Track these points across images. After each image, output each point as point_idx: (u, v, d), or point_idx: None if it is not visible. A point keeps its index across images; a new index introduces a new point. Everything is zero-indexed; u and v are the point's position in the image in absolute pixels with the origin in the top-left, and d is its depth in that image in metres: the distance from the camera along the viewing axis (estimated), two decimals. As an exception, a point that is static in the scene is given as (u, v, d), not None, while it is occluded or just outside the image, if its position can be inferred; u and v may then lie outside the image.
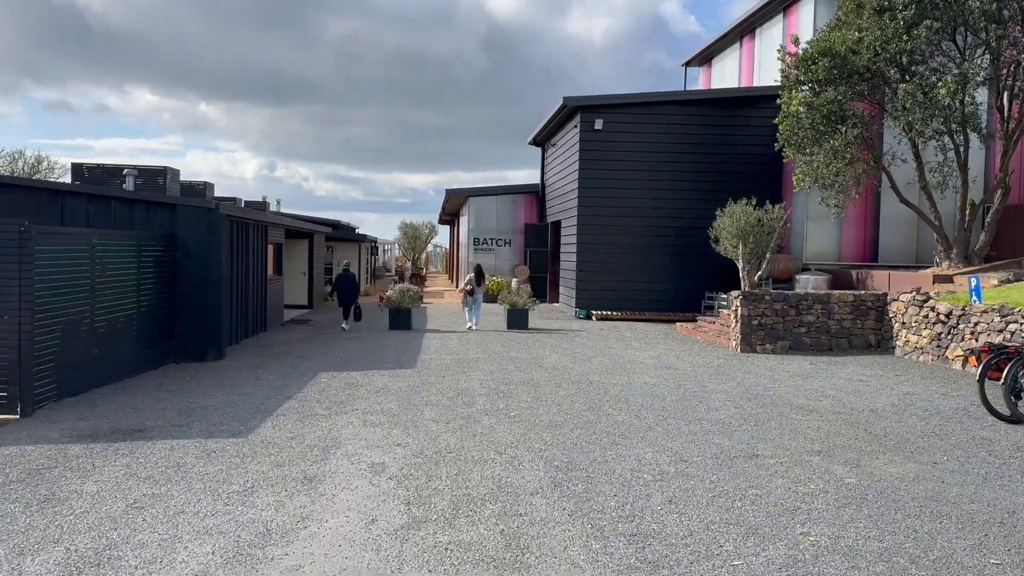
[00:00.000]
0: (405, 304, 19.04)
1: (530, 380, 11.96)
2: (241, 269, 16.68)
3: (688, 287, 22.88)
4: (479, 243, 29.70)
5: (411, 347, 15.85)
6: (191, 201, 14.54)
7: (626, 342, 17.09)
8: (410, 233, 48.28)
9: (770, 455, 7.66)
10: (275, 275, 20.26)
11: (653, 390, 11.18)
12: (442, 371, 12.80)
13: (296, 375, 12.48)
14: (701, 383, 11.83)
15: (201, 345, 14.26)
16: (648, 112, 23.00)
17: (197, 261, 14.24)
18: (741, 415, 9.51)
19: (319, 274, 26.82)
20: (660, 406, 10.01)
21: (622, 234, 22.97)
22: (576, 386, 11.47)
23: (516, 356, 14.63)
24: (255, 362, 13.99)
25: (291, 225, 21.10)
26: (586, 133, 22.76)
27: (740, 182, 22.50)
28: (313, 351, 15.35)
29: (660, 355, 14.96)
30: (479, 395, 10.72)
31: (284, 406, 9.95)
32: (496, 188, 29.93)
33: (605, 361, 14.08)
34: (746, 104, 23.09)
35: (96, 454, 7.63)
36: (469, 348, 15.74)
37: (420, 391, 11.00)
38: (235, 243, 16.18)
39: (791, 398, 10.67)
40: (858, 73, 18.02)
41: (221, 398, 10.50)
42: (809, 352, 15.40)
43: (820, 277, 20.06)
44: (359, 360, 14.09)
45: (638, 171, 22.91)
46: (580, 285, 22.96)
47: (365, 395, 10.70)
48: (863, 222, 21.96)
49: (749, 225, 19.93)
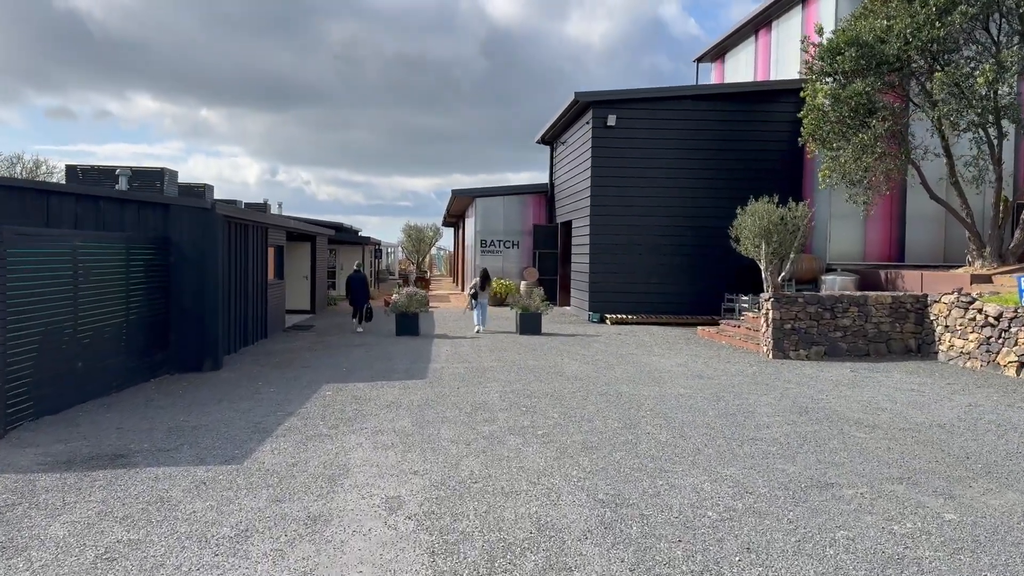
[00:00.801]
0: (412, 309, 17.98)
1: (553, 392, 10.89)
2: (240, 273, 15.62)
3: (705, 289, 21.82)
4: (486, 245, 28.62)
5: (421, 355, 14.78)
6: (186, 201, 13.48)
7: (647, 348, 16.01)
8: (414, 235, 47.08)
9: (846, 484, 6.58)
10: (276, 279, 19.19)
11: (690, 403, 10.10)
12: (456, 382, 11.73)
13: (298, 387, 11.41)
14: (741, 395, 10.75)
15: (197, 355, 13.20)
16: (662, 107, 21.94)
17: (192, 265, 13.18)
18: (796, 433, 8.43)
19: (322, 278, 25.74)
20: (703, 423, 8.93)
21: (636, 234, 21.91)
22: (604, 398, 10.39)
23: (533, 364, 13.55)
24: (254, 373, 12.93)
25: (293, 227, 20.04)
26: (598, 130, 21.70)
27: (759, 179, 21.44)
28: (316, 360, 14.29)
29: (687, 362, 13.88)
30: (499, 410, 9.65)
31: (285, 424, 8.88)
32: (504, 188, 28.86)
33: (630, 369, 13.01)
34: (764, 98, 22.03)
35: (69, 486, 6.56)
36: (482, 355, 14.67)
37: (434, 405, 9.92)
38: (233, 246, 15.12)
39: (845, 412, 9.59)
40: (888, 63, 16.95)
41: (216, 415, 9.44)
42: (846, 358, 14.32)
43: (847, 278, 18.98)
44: (365, 370, 13.02)
45: (652, 168, 21.85)
46: (593, 288, 21.89)
47: (374, 410, 9.62)
48: (888, 220, 20.89)
49: (772, 224, 18.85)
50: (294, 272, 23.52)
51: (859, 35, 17.05)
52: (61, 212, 12.99)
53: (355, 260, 32.19)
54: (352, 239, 32.99)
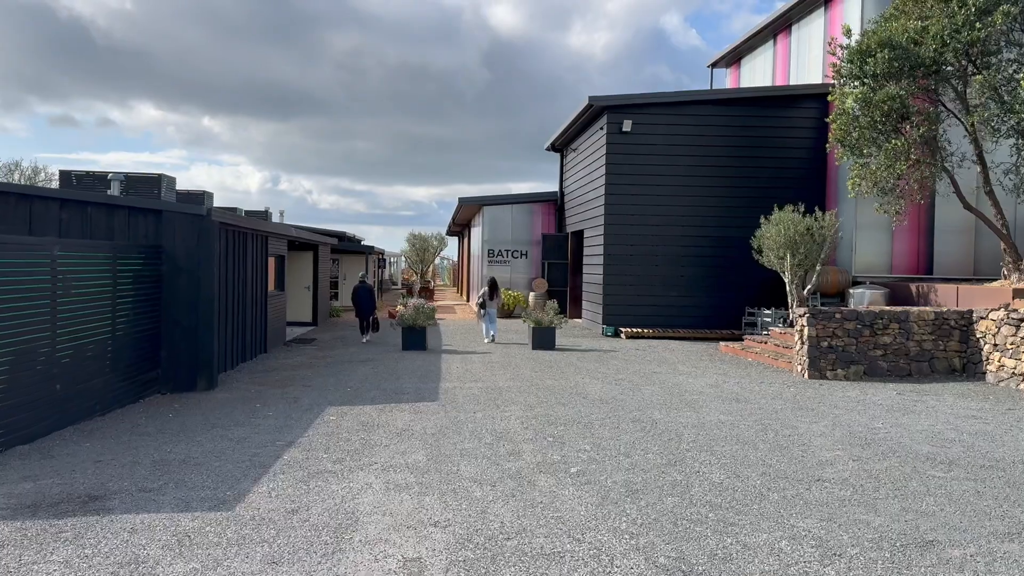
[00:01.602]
0: (420, 322, 16.93)
1: (579, 418, 9.84)
2: (238, 284, 14.59)
3: (725, 302, 20.78)
4: (493, 255, 27.59)
5: (430, 373, 13.73)
6: (179, 207, 12.46)
7: (671, 365, 14.96)
8: (418, 245, 45.95)
9: (947, 542, 5.53)
10: (277, 290, 18.16)
11: (735, 433, 9.05)
12: (471, 405, 10.68)
13: (299, 410, 10.36)
14: (787, 422, 9.69)
15: (190, 373, 12.16)
16: (680, 112, 20.96)
17: (186, 275, 12.16)
18: (866, 472, 7.37)
19: (324, 288, 24.70)
20: (756, 458, 7.88)
21: (652, 244, 20.89)
22: (638, 427, 9.34)
23: (552, 384, 12.50)
24: (252, 393, 11.88)
25: (294, 236, 19.02)
26: (613, 135, 20.71)
27: (780, 188, 20.44)
28: (319, 378, 13.24)
29: (717, 383, 12.83)
30: (524, 440, 8.59)
31: (284, 457, 7.83)
32: (512, 196, 27.85)
33: (658, 391, 11.96)
34: (786, 103, 21.06)
35: (28, 541, 5.51)
36: (496, 373, 13.62)
37: (450, 434, 8.87)
38: (230, 255, 14.10)
39: (910, 444, 8.53)
40: (923, 66, 15.96)
41: (207, 445, 8.38)
42: (886, 378, 13.27)
43: (877, 291, 17.95)
44: (372, 390, 11.97)
45: (669, 176, 20.85)
46: (607, 300, 20.86)
47: (384, 440, 8.57)
48: (916, 232, 19.87)
49: (798, 234, 17.85)
50: (296, 282, 22.49)
51: (892, 36, 16.08)
52: (45, 219, 11.96)
53: (358, 270, 31.18)
54: (355, 248, 31.99)
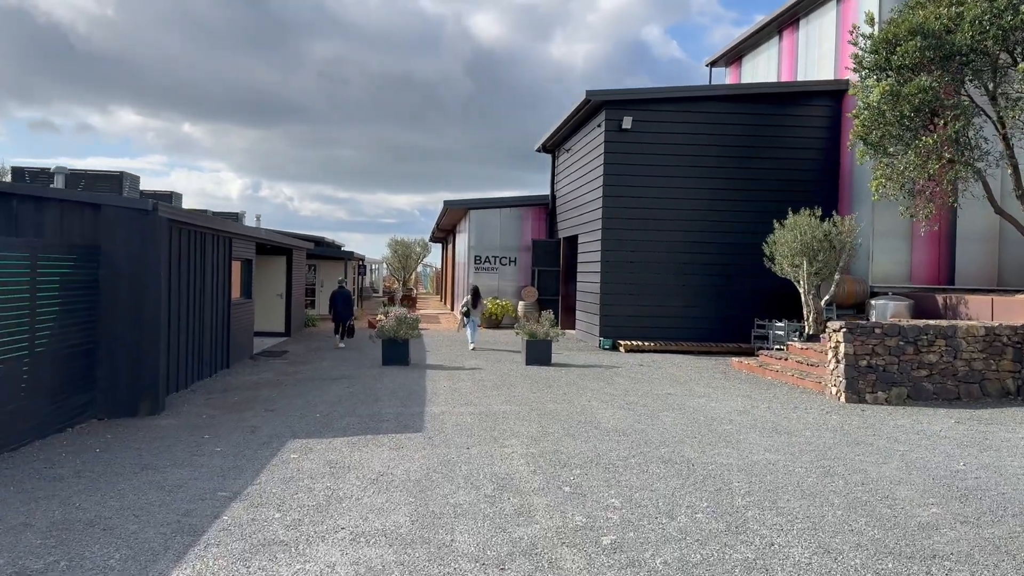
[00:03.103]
0: (402, 335, 15.04)
1: (597, 456, 8.01)
2: (194, 291, 12.65)
3: (731, 313, 19.08)
4: (480, 261, 25.74)
5: (413, 393, 11.86)
6: (120, 200, 10.54)
7: (684, 385, 13.18)
8: (401, 251, 43.98)
9: None
10: (243, 298, 16.20)
11: (793, 479, 7.26)
12: (463, 437, 8.83)
13: (255, 444, 8.46)
14: (850, 463, 7.92)
15: (132, 395, 10.23)
16: (684, 109, 19.27)
17: (128, 281, 10.24)
18: (985, 541, 5.60)
19: (299, 296, 22.72)
20: (838, 521, 6.07)
21: (653, 251, 19.16)
22: (672, 470, 7.53)
23: (556, 409, 10.67)
24: (203, 420, 9.95)
25: (264, 239, 17.08)
26: (612, 133, 18.97)
27: (790, 191, 18.83)
28: (284, 399, 11.33)
29: (745, 408, 11.05)
30: (534, 491, 6.75)
31: (225, 518, 5.95)
32: (500, 200, 26.03)
33: (679, 418, 10.16)
34: (796, 101, 19.43)
35: None
36: (489, 394, 11.78)
37: (440, 481, 7.02)
38: (186, 258, 12.17)
39: (1013, 494, 6.77)
40: (960, 54, 14.37)
41: (129, 497, 6.48)
42: (933, 402, 11.56)
43: (901, 303, 16.29)
44: (345, 416, 10.08)
45: (672, 177, 19.14)
46: (605, 311, 19.08)
47: (356, 490, 6.71)
48: (937, 239, 18.26)
49: (816, 240, 16.19)
50: (267, 290, 20.52)
51: (924, 24, 14.48)
52: (-42, 212, 10.01)
53: (336, 277, 29.31)
54: (334, 254, 30.05)
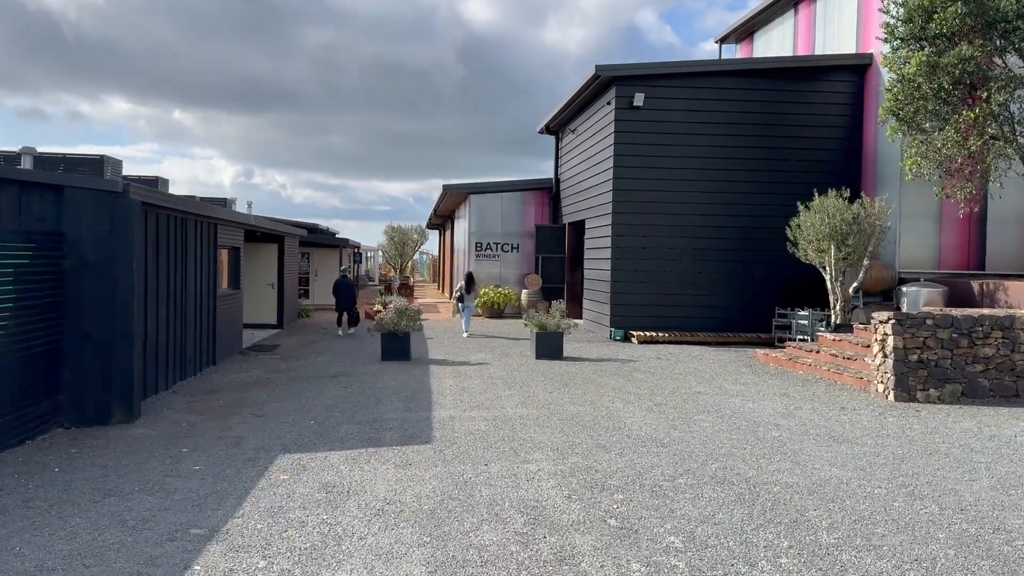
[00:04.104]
0: (403, 328, 13.84)
1: (638, 475, 6.83)
2: (175, 282, 11.40)
3: (750, 301, 17.92)
4: (481, 248, 24.49)
5: (418, 394, 10.67)
6: (86, 181, 9.26)
7: (712, 382, 12.01)
8: (397, 238, 42.66)
9: None
10: (231, 289, 14.96)
11: (879, 504, 6.08)
12: (479, 449, 7.64)
13: (239, 460, 7.26)
14: (934, 480, 6.73)
15: (103, 401, 9.01)
16: (699, 85, 18.01)
17: (96, 272, 9.01)
18: None
19: (292, 286, 21.46)
20: (957, 565, 4.87)
21: (667, 236, 17.96)
22: (731, 493, 6.35)
23: (578, 413, 9.49)
24: (183, 428, 8.74)
25: (253, 225, 15.80)
26: (623, 111, 17.72)
27: (810, 172, 17.69)
28: (275, 402, 10.12)
29: (787, 409, 9.88)
30: (573, 526, 5.57)
31: (196, 568, 4.75)
32: (502, 184, 24.75)
33: (718, 423, 8.99)
34: (817, 76, 18.19)
35: None
36: (501, 394, 10.59)
37: (459, 512, 5.83)
38: (164, 246, 10.92)
39: None
40: (1004, 21, 13.15)
41: (83, 538, 5.28)
42: (990, 400, 10.41)
43: (934, 290, 15.15)
44: (344, 423, 8.88)
45: (686, 158, 17.91)
46: (616, 299, 17.89)
47: (357, 525, 5.52)
48: (967, 221, 17.07)
49: (845, 223, 15.01)
50: (257, 279, 19.26)
51: (966, -13, 13.25)
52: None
53: (332, 265, 28.07)
54: (328, 241, 28.77)
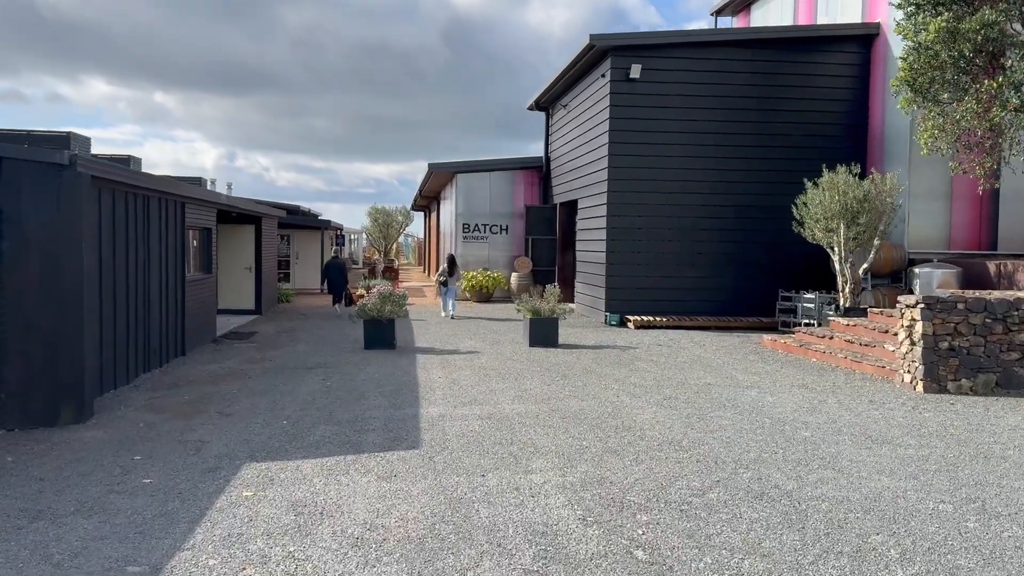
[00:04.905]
0: (387, 314, 12.81)
1: (660, 489, 5.86)
2: (135, 265, 10.29)
3: (751, 284, 17.02)
4: (469, 229, 23.43)
5: (404, 387, 9.66)
6: (23, 152, 8.14)
7: (719, 371, 11.08)
8: (381, 220, 41.38)
9: None
10: (202, 273, 13.85)
11: (949, 526, 5.14)
12: (474, 455, 6.66)
13: (199, 470, 6.24)
14: (1003, 492, 5.79)
15: (49, 399, 7.96)
16: (698, 56, 16.97)
17: (41, 254, 7.95)
18: None
19: (270, 269, 20.33)
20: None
21: (665, 215, 16.98)
22: (774, 512, 5.39)
23: (582, 409, 8.53)
24: (139, 429, 7.69)
25: (225, 204, 14.66)
26: (618, 84, 16.66)
27: (813, 147, 16.76)
28: (246, 398, 9.08)
29: (812, 404, 8.95)
30: (594, 563, 4.57)
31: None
32: (490, 163, 23.63)
33: (739, 421, 8.05)
34: (822, 46, 17.20)
35: None
36: (495, 387, 9.60)
37: (453, 541, 4.83)
38: (122, 225, 9.80)
39: None
40: (1031, -18, 12.20)
41: (-10, 578, 4.26)
42: (1026, 391, 9.56)
43: (948, 271, 14.29)
44: (320, 423, 7.86)
45: (684, 134, 16.91)
46: (611, 283, 16.92)
47: (331, 560, 4.51)
48: (979, 199, 16.23)
49: (856, 201, 14.10)
50: (234, 263, 18.14)
51: (988, -54, 12.29)
52: None
53: (313, 247, 27.04)
54: (309, 223, 27.60)
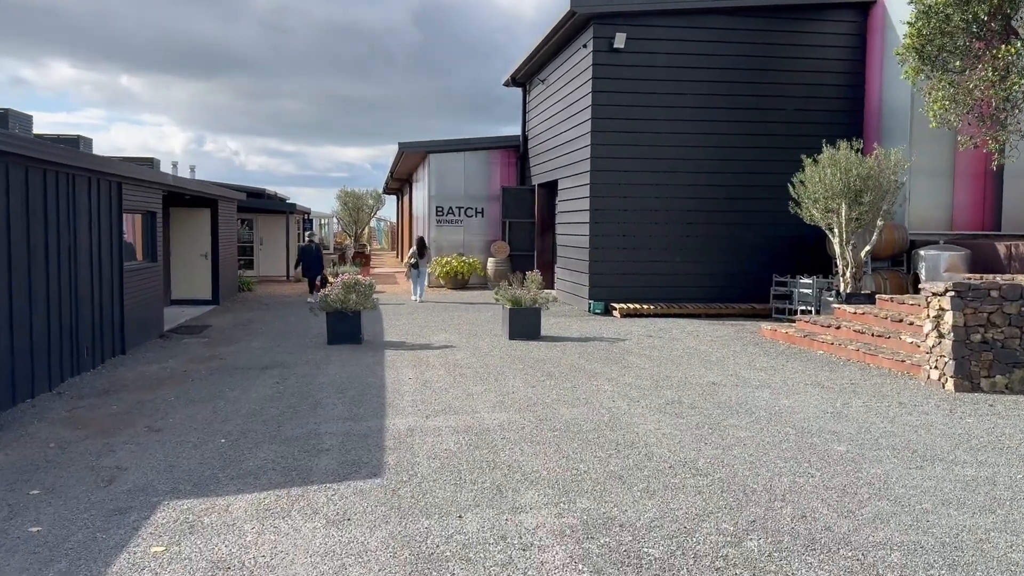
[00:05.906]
0: (352, 306, 11.49)
1: (684, 536, 4.66)
2: (56, 254, 8.88)
3: (743, 268, 15.92)
4: (443, 213, 22.07)
5: (368, 391, 8.38)
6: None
7: (721, 366, 9.93)
8: (352, 204, 39.75)
9: None
10: (146, 261, 12.42)
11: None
12: (448, 487, 5.42)
13: (102, 513, 4.93)
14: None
15: (-62, 415, 6.58)
16: (686, 25, 15.72)
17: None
18: None
19: (229, 256, 18.86)
20: None
21: (651, 196, 15.80)
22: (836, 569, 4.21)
23: (573, 418, 7.31)
24: (48, 451, 6.34)
25: (172, 185, 13.19)
26: (601, 55, 15.38)
27: (806, 122, 15.72)
28: (184, 407, 7.75)
29: (834, 406, 7.81)
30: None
31: None
32: (464, 142, 22.24)
33: (759, 433, 6.88)
34: (816, 14, 16.05)
35: None
36: (472, 390, 8.37)
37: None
38: (38, 207, 8.37)
39: None
40: (1053, -62, 11.11)
41: None
42: (1066, 387, 8.50)
43: (956, 253, 13.29)
44: (264, 443, 6.57)
45: (672, 108, 15.71)
46: (594, 268, 15.72)
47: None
48: (981, 178, 15.26)
49: (860, 179, 12.99)
50: (188, 250, 16.67)
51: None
52: None
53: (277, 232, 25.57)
54: (274, 207, 26.07)
